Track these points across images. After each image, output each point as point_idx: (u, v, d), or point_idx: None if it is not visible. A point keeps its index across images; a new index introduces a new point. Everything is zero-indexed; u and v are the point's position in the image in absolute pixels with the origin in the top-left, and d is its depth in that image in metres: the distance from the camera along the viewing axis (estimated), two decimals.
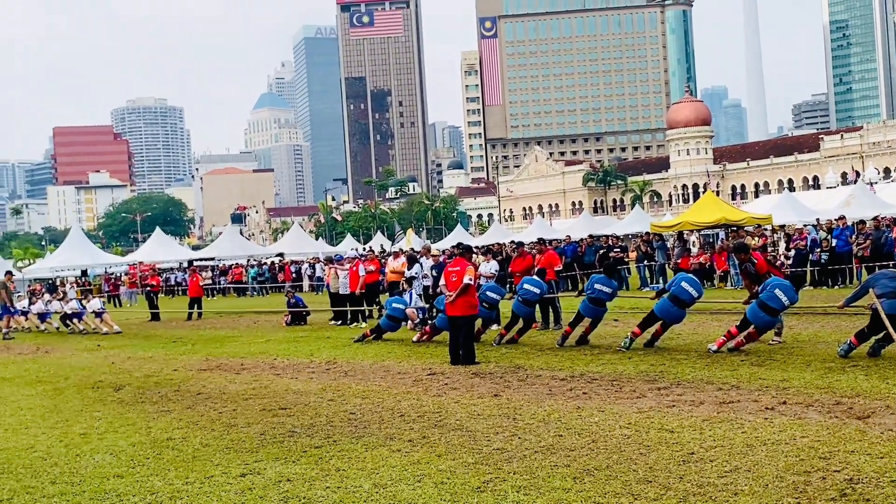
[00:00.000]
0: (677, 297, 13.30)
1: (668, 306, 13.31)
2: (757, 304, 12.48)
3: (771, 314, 12.42)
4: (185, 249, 74.49)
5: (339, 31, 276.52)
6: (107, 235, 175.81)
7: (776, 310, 12.44)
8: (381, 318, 17.88)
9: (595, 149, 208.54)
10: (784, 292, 12.36)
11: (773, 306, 12.36)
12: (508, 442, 7.72)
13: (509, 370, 12.20)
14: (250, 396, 11.15)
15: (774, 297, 12.33)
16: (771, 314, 12.42)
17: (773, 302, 12.34)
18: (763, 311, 12.37)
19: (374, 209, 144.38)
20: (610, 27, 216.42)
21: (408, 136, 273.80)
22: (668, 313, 13.36)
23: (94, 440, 8.90)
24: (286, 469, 7.20)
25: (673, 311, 13.24)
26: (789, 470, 6.32)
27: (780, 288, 12.44)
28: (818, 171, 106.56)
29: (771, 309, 12.37)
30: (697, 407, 8.80)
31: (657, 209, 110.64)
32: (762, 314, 12.38)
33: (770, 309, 12.36)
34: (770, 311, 12.38)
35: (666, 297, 13.39)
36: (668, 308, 13.32)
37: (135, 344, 20.39)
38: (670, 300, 13.29)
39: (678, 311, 13.33)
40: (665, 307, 13.33)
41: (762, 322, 12.44)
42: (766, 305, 12.35)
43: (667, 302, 13.32)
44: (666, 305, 13.32)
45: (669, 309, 13.31)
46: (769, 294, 12.40)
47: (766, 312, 12.37)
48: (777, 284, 12.55)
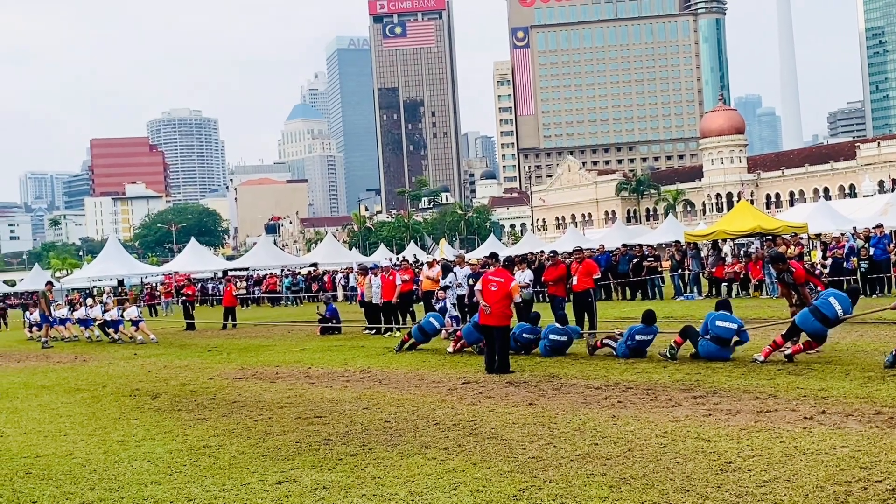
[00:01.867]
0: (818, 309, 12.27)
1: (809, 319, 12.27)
2: (809, 310, 12.12)
3: (822, 321, 11.97)
4: (220, 260, 75.11)
5: (372, 42, 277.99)
6: (143, 246, 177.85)
7: (829, 318, 11.97)
8: (413, 328, 17.90)
9: (628, 158, 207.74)
10: (839, 301, 11.99)
11: (826, 313, 11.94)
12: (544, 450, 7.70)
13: (544, 379, 12.16)
14: (286, 405, 11.20)
15: (828, 305, 11.94)
16: (822, 321, 11.97)
17: (826, 309, 11.94)
18: (814, 316, 11.98)
19: (407, 219, 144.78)
20: (642, 36, 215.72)
21: (440, 146, 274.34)
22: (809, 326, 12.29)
23: (131, 447, 8.99)
24: (322, 477, 7.22)
25: (813, 324, 12.19)
26: (829, 480, 6.23)
27: (834, 296, 12.08)
28: (854, 179, 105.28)
29: (823, 316, 11.94)
30: (734, 416, 8.72)
31: (690, 218, 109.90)
32: (812, 319, 12.00)
33: (822, 316, 11.94)
34: (822, 319, 11.95)
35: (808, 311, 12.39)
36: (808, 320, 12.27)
37: (171, 353, 20.58)
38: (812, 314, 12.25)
39: (817, 326, 12.17)
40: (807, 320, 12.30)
41: (812, 329, 12.03)
42: (819, 311, 11.97)
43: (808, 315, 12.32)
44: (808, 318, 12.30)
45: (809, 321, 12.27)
46: (823, 301, 12.03)
47: (817, 319, 11.96)
48: (832, 293, 12.20)
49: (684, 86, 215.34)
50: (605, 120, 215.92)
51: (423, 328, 17.36)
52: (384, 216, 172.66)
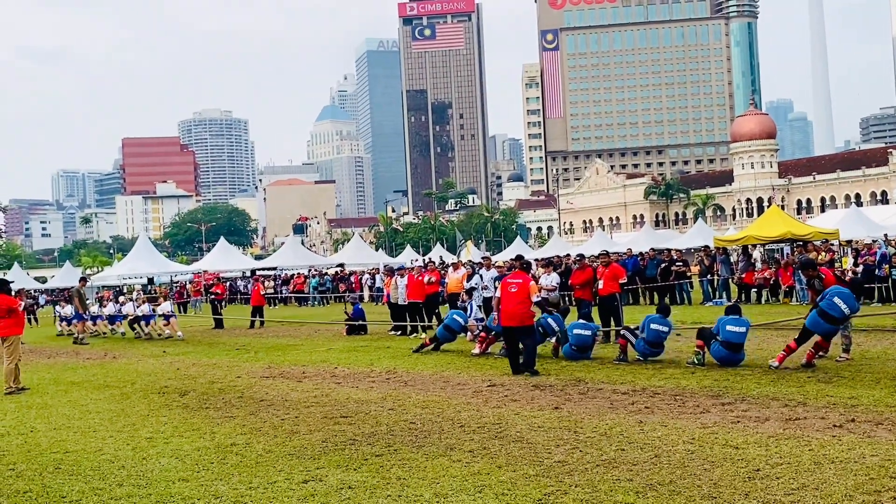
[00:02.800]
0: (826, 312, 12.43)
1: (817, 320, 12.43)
2: (816, 312, 12.26)
3: (831, 322, 12.15)
4: (248, 259, 75.57)
5: (401, 44, 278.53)
6: (172, 244, 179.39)
7: (836, 318, 12.15)
8: (438, 328, 17.93)
9: (657, 162, 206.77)
10: (843, 300, 12.14)
11: (833, 314, 12.11)
12: (570, 455, 7.67)
13: (570, 383, 12.13)
14: (312, 404, 11.25)
15: (834, 305, 12.11)
16: (831, 322, 12.15)
17: (833, 310, 12.10)
18: (823, 318, 12.14)
19: (434, 221, 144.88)
20: (673, 39, 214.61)
21: (468, 148, 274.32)
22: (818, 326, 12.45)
23: (160, 444, 9.07)
24: (347, 476, 7.25)
25: (823, 325, 12.34)
26: (858, 489, 6.17)
27: (839, 296, 12.21)
28: (887, 185, 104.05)
29: (830, 317, 12.11)
30: (763, 423, 8.65)
31: (720, 223, 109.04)
32: (821, 321, 12.16)
33: (829, 317, 12.12)
34: (830, 319, 12.13)
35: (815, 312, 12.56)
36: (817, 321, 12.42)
37: (199, 351, 20.74)
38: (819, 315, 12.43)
39: (828, 327, 12.36)
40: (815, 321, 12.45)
41: (823, 330, 12.19)
42: (826, 313, 12.13)
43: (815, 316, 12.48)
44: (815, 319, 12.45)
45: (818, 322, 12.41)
46: (828, 302, 12.17)
47: (825, 320, 12.13)
48: (836, 292, 12.31)
49: (715, 90, 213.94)
50: (634, 123, 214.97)
51: (449, 326, 17.41)
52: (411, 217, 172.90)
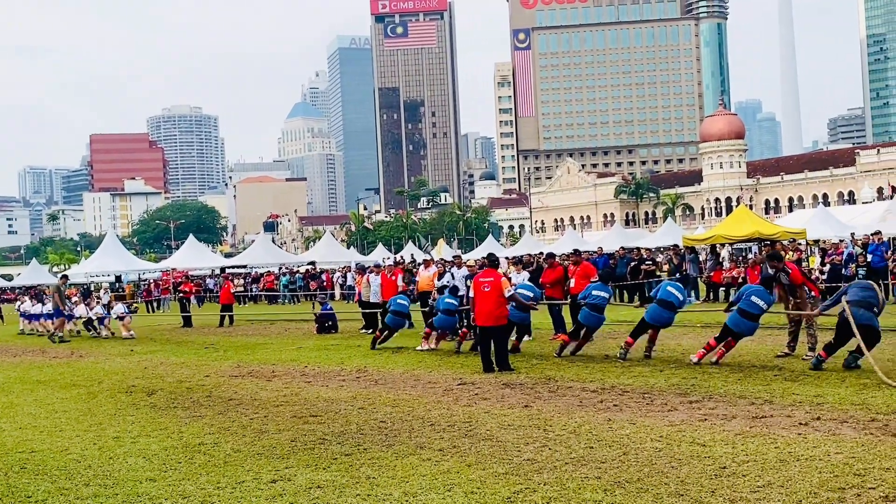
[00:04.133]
0: (665, 300, 13.72)
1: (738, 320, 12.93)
2: (737, 312, 12.77)
3: (752, 320, 12.72)
4: (218, 257, 75.02)
5: (374, 41, 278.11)
6: (141, 242, 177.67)
7: (756, 315, 12.73)
8: (386, 317, 18.05)
9: (627, 161, 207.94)
10: (760, 297, 12.72)
11: (753, 312, 12.69)
12: (539, 453, 7.70)
13: (540, 381, 12.17)
14: (281, 403, 11.21)
15: (752, 304, 12.67)
16: (752, 320, 12.72)
17: (752, 308, 12.67)
18: (744, 317, 12.69)
19: (406, 219, 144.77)
20: (644, 40, 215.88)
21: (440, 146, 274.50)
22: (740, 326, 12.94)
23: (127, 444, 8.99)
24: (316, 476, 7.23)
25: (745, 324, 12.85)
26: (823, 486, 6.24)
27: (756, 294, 12.79)
28: (853, 185, 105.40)
29: (751, 315, 12.69)
30: (730, 421, 8.73)
31: (689, 222, 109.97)
32: (743, 320, 12.70)
33: (750, 315, 12.68)
34: (750, 317, 12.70)
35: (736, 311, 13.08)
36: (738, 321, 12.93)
37: (167, 349, 20.58)
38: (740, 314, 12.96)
39: (750, 325, 12.89)
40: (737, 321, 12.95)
41: (745, 328, 12.75)
42: (746, 312, 12.68)
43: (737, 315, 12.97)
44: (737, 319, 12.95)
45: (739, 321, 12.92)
46: (747, 301, 12.73)
47: (746, 318, 12.69)
48: (753, 291, 12.92)
49: (685, 90, 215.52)
50: (605, 123, 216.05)
51: (398, 311, 17.91)
52: (383, 216, 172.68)
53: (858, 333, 11.54)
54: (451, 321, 16.93)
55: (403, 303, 18.11)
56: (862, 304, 11.83)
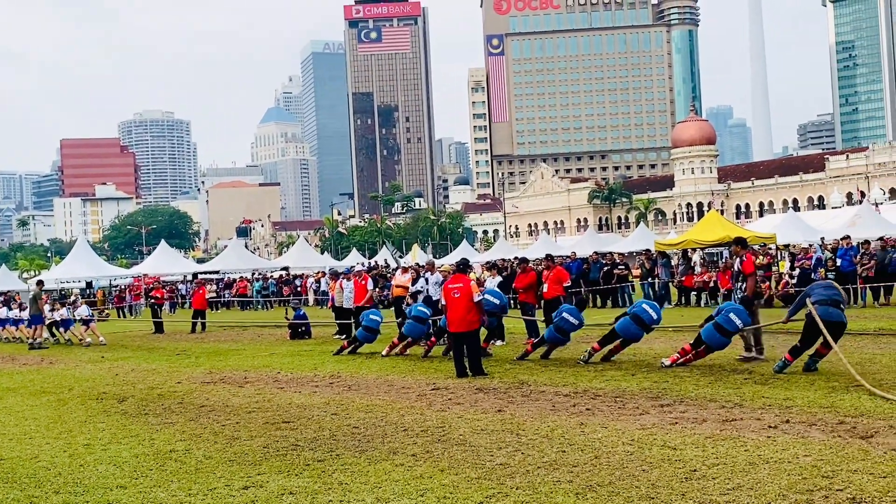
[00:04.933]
0: (639, 316, 13.95)
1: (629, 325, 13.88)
2: (713, 325, 12.92)
3: (725, 335, 12.89)
4: (190, 262, 74.52)
5: (347, 46, 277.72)
6: (112, 247, 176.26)
7: (730, 332, 12.90)
8: (357, 330, 17.99)
9: (600, 166, 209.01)
10: (738, 315, 12.86)
11: (728, 328, 12.84)
12: (511, 457, 7.73)
13: (513, 386, 12.21)
14: (253, 409, 11.16)
15: (729, 321, 12.83)
16: (725, 335, 12.89)
17: (728, 325, 12.82)
18: (718, 332, 12.86)
19: (380, 224, 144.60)
20: (616, 46, 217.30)
21: (414, 151, 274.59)
22: (629, 332, 13.93)
23: (97, 451, 8.92)
24: (289, 482, 7.21)
25: (718, 339, 13.14)
26: (792, 488, 6.31)
27: (734, 312, 12.92)
28: (823, 191, 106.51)
29: (725, 331, 12.85)
30: (700, 424, 8.80)
31: (662, 227, 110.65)
32: (717, 335, 12.87)
33: (725, 331, 12.85)
34: (725, 333, 12.87)
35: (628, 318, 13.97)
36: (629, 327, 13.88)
37: (138, 356, 20.42)
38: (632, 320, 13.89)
39: (637, 331, 13.77)
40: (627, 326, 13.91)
41: (717, 342, 12.93)
42: (722, 328, 12.85)
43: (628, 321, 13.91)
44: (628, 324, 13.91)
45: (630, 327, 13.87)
46: (724, 318, 12.88)
47: (721, 334, 12.86)
48: (731, 309, 13.04)
49: (657, 96, 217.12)
50: (578, 128, 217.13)
51: (369, 327, 17.75)
52: (357, 221, 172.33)
53: (827, 331, 11.68)
54: (421, 329, 16.88)
55: (376, 318, 17.85)
56: (830, 303, 12.04)
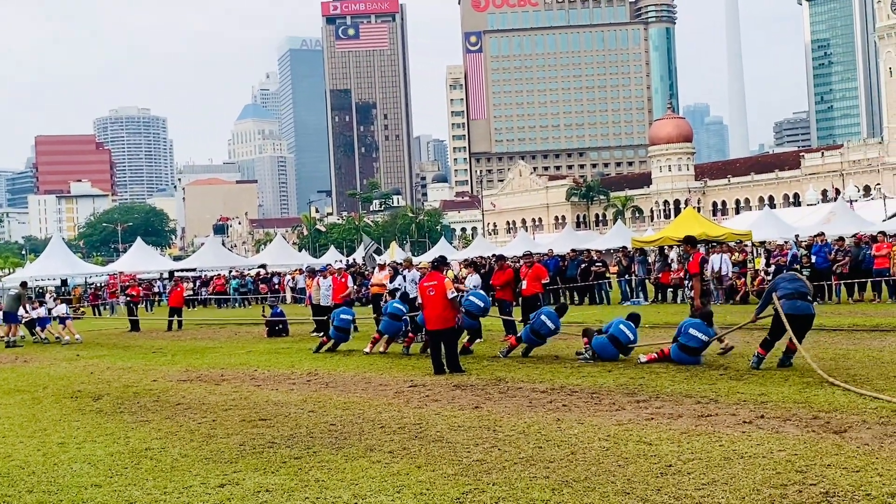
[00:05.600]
0: (616, 337, 13.95)
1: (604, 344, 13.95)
2: (678, 346, 13.01)
3: (694, 354, 12.93)
4: (167, 260, 74.15)
5: (325, 43, 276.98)
6: (87, 245, 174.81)
7: (698, 349, 12.94)
8: (331, 330, 17.98)
9: (578, 164, 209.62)
10: (699, 330, 12.94)
11: (694, 346, 12.91)
12: (488, 453, 7.74)
13: (491, 382, 12.22)
14: (230, 407, 11.11)
15: (692, 337, 12.91)
16: (694, 354, 12.93)
17: (693, 342, 12.91)
18: (685, 352, 12.94)
19: (358, 221, 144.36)
20: (594, 44, 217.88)
21: (392, 148, 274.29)
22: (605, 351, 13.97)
23: (72, 449, 8.85)
24: (265, 480, 7.18)
25: (688, 359, 13.08)
26: (766, 483, 6.36)
27: (693, 328, 13.00)
28: (799, 188, 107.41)
29: (692, 349, 12.91)
30: (676, 420, 8.85)
31: (639, 224, 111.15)
32: (685, 356, 12.94)
33: (691, 349, 12.91)
34: (692, 352, 12.92)
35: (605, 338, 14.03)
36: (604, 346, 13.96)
37: (114, 354, 20.28)
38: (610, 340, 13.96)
39: (692, 359, 13.10)
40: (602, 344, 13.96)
41: (687, 361, 12.91)
42: (687, 347, 12.93)
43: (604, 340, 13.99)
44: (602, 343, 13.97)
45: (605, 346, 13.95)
46: (687, 336, 12.95)
47: (688, 353, 12.93)
48: (691, 324, 13.10)
49: (634, 93, 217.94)
50: (556, 126, 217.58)
51: (340, 327, 17.74)
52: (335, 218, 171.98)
53: (796, 324, 11.83)
54: (397, 326, 16.91)
55: (346, 317, 17.88)
56: (797, 296, 12.12)
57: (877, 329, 17.11)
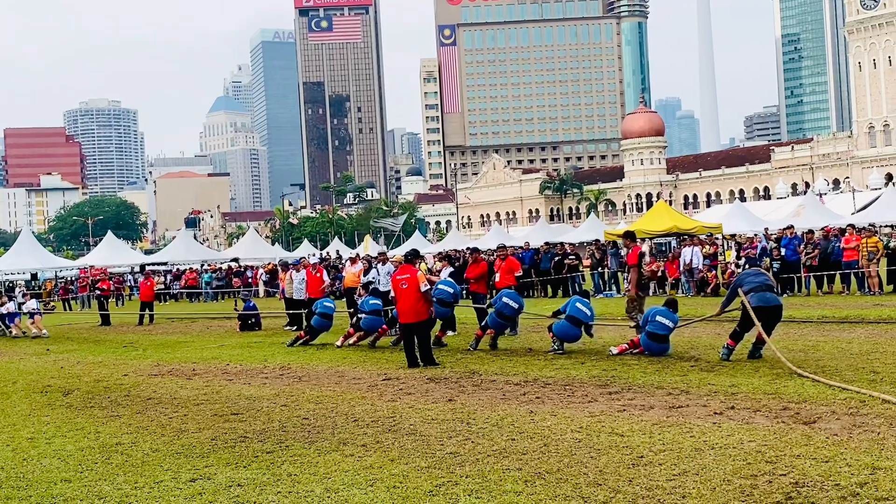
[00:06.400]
0: (575, 317, 14.02)
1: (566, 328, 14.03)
2: (647, 335, 13.11)
3: (662, 341, 13.05)
4: (138, 254, 73.50)
5: (298, 35, 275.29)
6: (58, 239, 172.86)
7: (665, 336, 13.06)
8: (313, 318, 17.96)
9: (552, 157, 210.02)
10: (666, 317, 13.09)
11: (661, 333, 13.03)
12: (462, 446, 7.75)
13: (464, 375, 12.23)
14: (202, 402, 11.04)
15: (659, 325, 13.02)
16: (662, 341, 13.05)
17: (661, 330, 13.02)
18: (653, 340, 13.05)
19: (332, 215, 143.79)
20: (567, 37, 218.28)
21: (366, 141, 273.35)
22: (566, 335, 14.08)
23: (41, 444, 8.76)
24: (237, 474, 7.14)
25: (656, 346, 13.22)
26: (736, 474, 6.41)
27: (660, 314, 13.13)
28: (769, 181, 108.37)
29: (660, 337, 13.03)
30: (647, 411, 8.91)
31: (611, 217, 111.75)
32: (654, 343, 13.06)
33: (659, 337, 13.03)
34: (659, 339, 13.04)
35: (564, 319, 14.10)
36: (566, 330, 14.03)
37: (84, 348, 20.09)
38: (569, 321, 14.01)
39: (660, 346, 13.25)
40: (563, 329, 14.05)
41: (656, 349, 13.06)
42: (655, 335, 13.02)
43: (564, 324, 14.04)
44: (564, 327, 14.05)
45: (568, 331, 14.03)
46: (654, 324, 13.06)
47: (655, 341, 13.04)
48: (658, 312, 13.22)
49: (607, 87, 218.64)
50: (529, 119, 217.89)
51: (324, 313, 17.81)
52: (308, 211, 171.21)
53: (760, 319, 12.00)
54: (380, 321, 16.96)
55: (330, 305, 18.07)
56: (764, 288, 12.32)
57: (845, 321, 17.29)
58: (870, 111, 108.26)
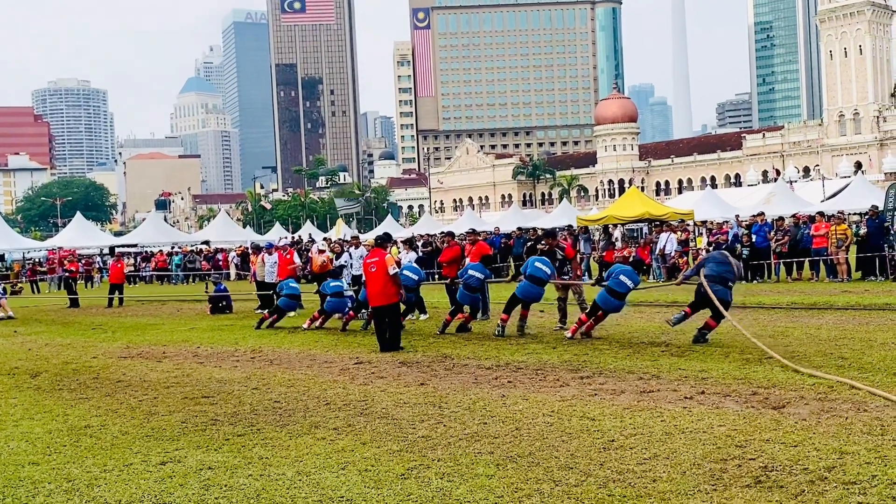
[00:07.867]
0: (614, 289, 13.75)
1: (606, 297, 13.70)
2: (606, 290, 13.48)
3: (619, 298, 13.41)
4: (107, 235, 72.88)
5: (270, 16, 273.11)
6: (25, 220, 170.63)
7: (623, 293, 13.42)
8: (279, 300, 18.05)
9: (525, 143, 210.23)
10: (628, 277, 13.49)
11: (620, 291, 13.38)
12: (433, 430, 7.75)
13: (436, 359, 12.24)
14: (172, 384, 10.97)
15: (620, 283, 13.39)
16: (619, 298, 13.41)
17: (620, 287, 13.37)
18: (612, 296, 13.38)
19: (304, 198, 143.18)
20: (541, 22, 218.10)
21: (339, 125, 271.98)
22: (608, 304, 13.68)
23: (9, 427, 8.67)
24: (207, 457, 7.10)
25: (613, 302, 13.51)
26: (706, 458, 6.45)
27: (623, 274, 13.53)
28: (740, 168, 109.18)
29: (618, 293, 13.37)
30: (618, 396, 8.95)
31: (584, 203, 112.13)
32: (612, 299, 13.38)
33: (617, 294, 13.37)
34: (618, 296, 13.38)
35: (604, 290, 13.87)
36: (607, 299, 13.67)
37: (53, 330, 19.89)
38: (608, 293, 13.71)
39: (617, 303, 13.57)
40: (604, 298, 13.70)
41: (612, 306, 13.45)
42: (614, 291, 13.37)
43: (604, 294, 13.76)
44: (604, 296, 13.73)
45: (608, 300, 13.65)
46: (616, 280, 13.42)
47: (614, 297, 13.38)
48: (621, 271, 13.64)
49: (581, 73, 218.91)
50: (503, 104, 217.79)
51: (291, 294, 18.04)
52: (280, 194, 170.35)
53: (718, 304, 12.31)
54: (344, 303, 16.97)
55: (295, 286, 18.34)
56: (718, 280, 12.61)
57: (814, 307, 17.47)
58: (840, 100, 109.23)
